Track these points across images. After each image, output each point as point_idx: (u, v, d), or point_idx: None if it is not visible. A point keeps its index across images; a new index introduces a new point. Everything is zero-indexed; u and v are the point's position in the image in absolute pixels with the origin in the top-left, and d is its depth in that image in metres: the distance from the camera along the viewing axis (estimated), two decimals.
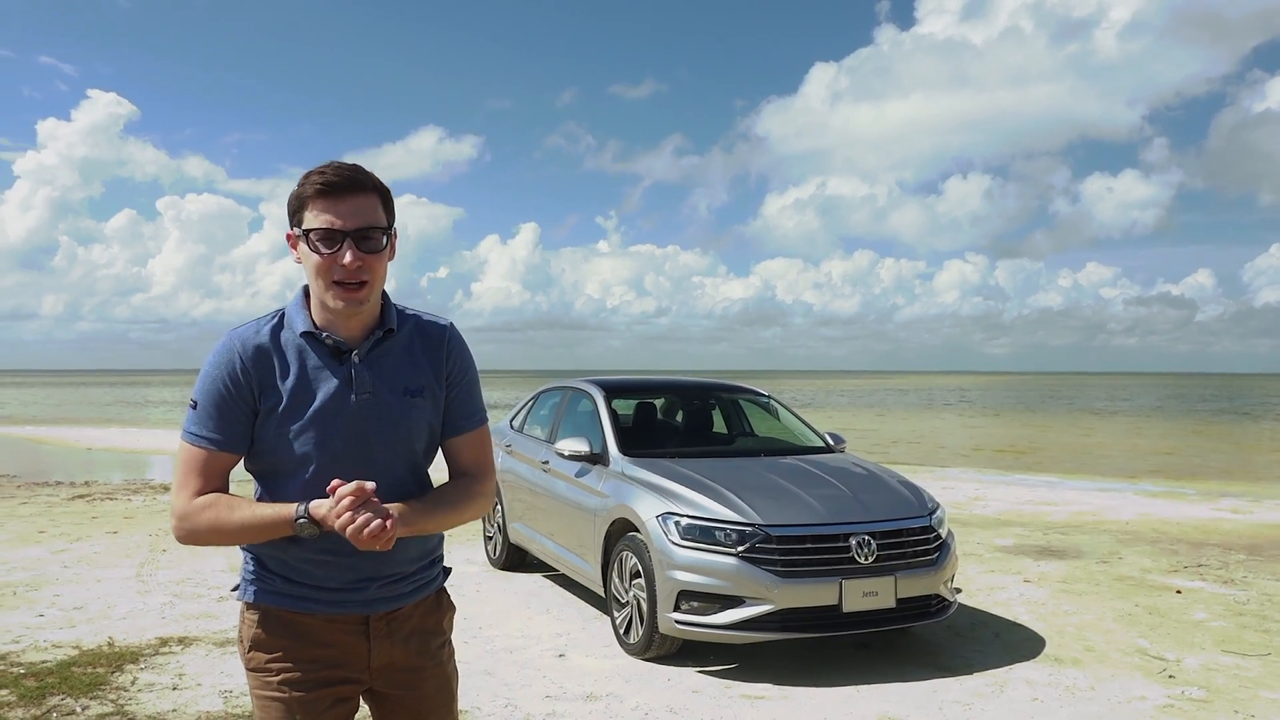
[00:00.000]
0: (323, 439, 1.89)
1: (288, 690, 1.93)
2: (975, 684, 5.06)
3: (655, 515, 5.31)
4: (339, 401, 1.90)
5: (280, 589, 1.96)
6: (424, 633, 2.07)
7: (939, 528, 5.52)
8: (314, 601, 1.95)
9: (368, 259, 1.85)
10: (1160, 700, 4.86)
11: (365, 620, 1.98)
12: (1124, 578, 7.75)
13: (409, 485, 1.99)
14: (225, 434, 1.88)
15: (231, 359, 1.88)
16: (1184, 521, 11.01)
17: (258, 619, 1.97)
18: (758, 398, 7.55)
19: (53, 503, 11.55)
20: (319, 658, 1.96)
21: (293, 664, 1.94)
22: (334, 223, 1.82)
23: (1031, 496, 13.35)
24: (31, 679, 4.81)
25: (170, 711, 4.44)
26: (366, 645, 1.99)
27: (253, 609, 1.99)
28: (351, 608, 1.97)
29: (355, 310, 1.88)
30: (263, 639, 1.96)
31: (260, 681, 1.97)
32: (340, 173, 1.84)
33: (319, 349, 1.92)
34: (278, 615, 1.96)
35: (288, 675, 1.94)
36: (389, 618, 2.01)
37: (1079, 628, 6.17)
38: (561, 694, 4.84)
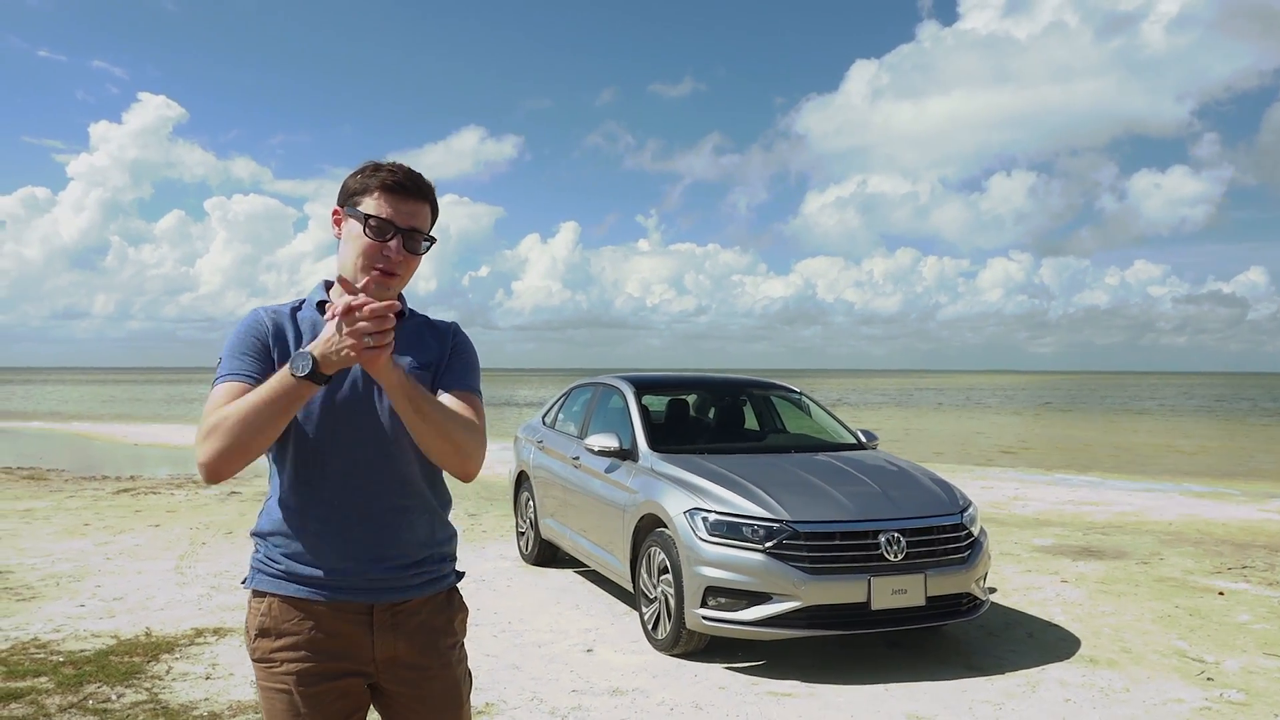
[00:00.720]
0: (330, 406, 1.95)
1: (293, 681, 1.94)
2: (1006, 684, 4.99)
3: (683, 511, 5.30)
4: (350, 374, 1.98)
5: (286, 576, 1.98)
6: (432, 630, 2.06)
7: (970, 525, 5.45)
8: (319, 588, 1.96)
9: (408, 257, 1.99)
10: (1197, 703, 4.76)
11: (370, 609, 1.99)
12: (1165, 579, 7.60)
13: (419, 462, 2.02)
14: (243, 365, 1.93)
15: (258, 320, 2.00)
16: (1229, 523, 10.78)
17: (264, 608, 1.99)
18: (790, 394, 7.51)
19: (98, 496, 11.79)
20: (324, 648, 1.97)
21: (298, 654, 1.95)
22: (393, 217, 1.96)
23: (1073, 496, 13.14)
24: (69, 667, 4.92)
25: (202, 700, 4.51)
26: (370, 637, 1.99)
27: (259, 598, 2.00)
28: (356, 595, 1.98)
29: (382, 295, 1.93)
30: (268, 628, 1.97)
31: (265, 672, 1.98)
32: (410, 177, 1.99)
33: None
34: (283, 604, 1.97)
35: (292, 666, 1.95)
36: (394, 609, 2.01)
37: (1116, 629, 6.07)
38: (588, 688, 4.85)
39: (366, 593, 1.98)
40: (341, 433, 1.96)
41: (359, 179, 2.00)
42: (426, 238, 2.01)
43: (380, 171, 1.98)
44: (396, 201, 1.96)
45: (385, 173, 1.98)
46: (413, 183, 1.98)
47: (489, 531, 9.44)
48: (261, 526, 2.03)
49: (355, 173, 2.02)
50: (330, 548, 1.96)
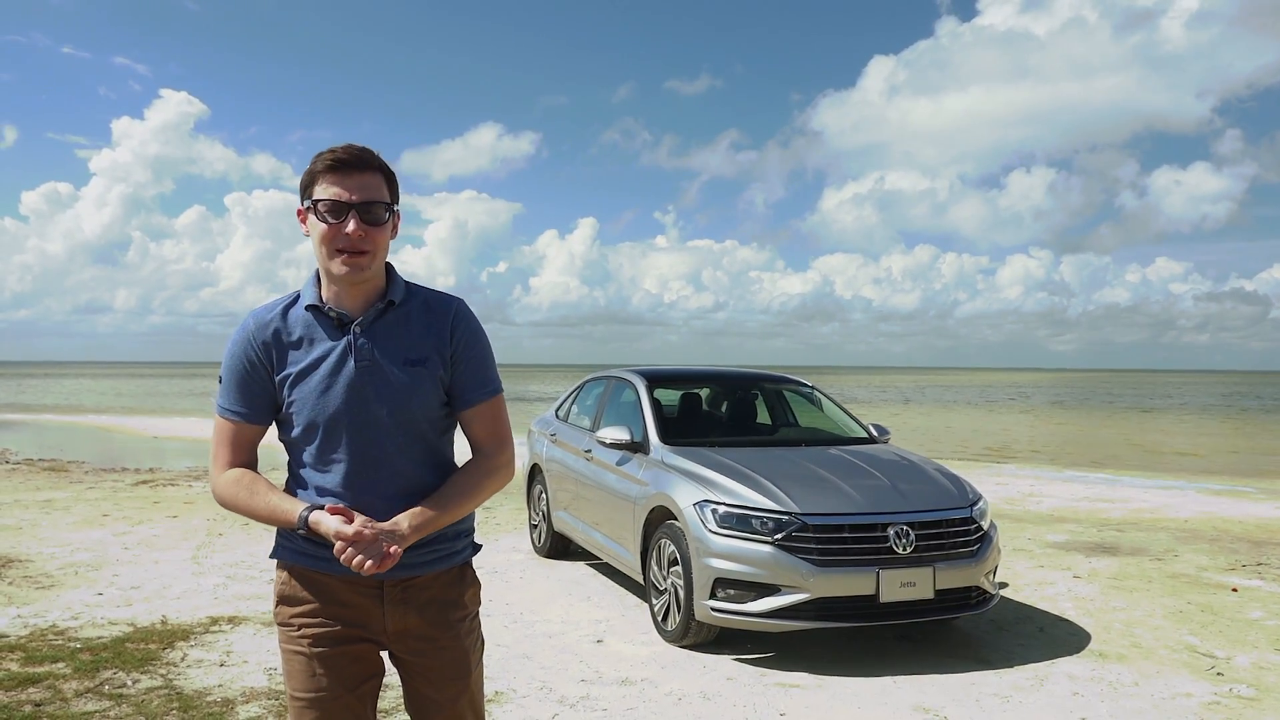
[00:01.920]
0: (326, 406, 2.00)
1: (310, 645, 2.04)
2: (1015, 677, 4.99)
3: (693, 503, 5.33)
4: (339, 369, 2.00)
5: (303, 549, 2.06)
6: (443, 603, 2.11)
7: (980, 519, 5.45)
8: (331, 562, 1.99)
9: (370, 230, 1.98)
10: (1206, 697, 4.74)
11: (380, 585, 2.05)
12: (1178, 575, 7.57)
13: (421, 457, 2.06)
14: (248, 406, 2.03)
15: (247, 336, 2.04)
16: (1246, 520, 10.71)
17: (285, 577, 2.09)
18: (801, 388, 7.51)
19: (118, 488, 11.92)
20: (339, 616, 2.06)
21: (315, 621, 2.05)
22: (341, 195, 1.95)
23: (1088, 493, 13.08)
24: (86, 653, 4.99)
25: (216, 687, 4.58)
26: (382, 609, 2.06)
27: (281, 567, 2.11)
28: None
29: (356, 277, 1.99)
30: (288, 595, 2.08)
31: (286, 636, 2.09)
32: (349, 151, 1.98)
33: (324, 321, 2.04)
34: (301, 574, 2.07)
35: (309, 631, 2.05)
36: (404, 584, 2.07)
37: (1127, 624, 6.05)
38: (597, 678, 4.89)
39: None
40: (350, 421, 2.00)
41: (308, 170, 2.01)
42: (385, 205, 1.99)
43: (322, 155, 1.98)
44: (342, 179, 1.95)
45: (325, 154, 1.98)
46: (353, 156, 1.97)
47: (503, 524, 9.49)
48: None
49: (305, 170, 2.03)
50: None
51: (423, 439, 2.06)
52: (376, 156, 2.01)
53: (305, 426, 2.01)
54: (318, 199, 1.96)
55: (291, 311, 2.06)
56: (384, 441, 2.01)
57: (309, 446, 2.02)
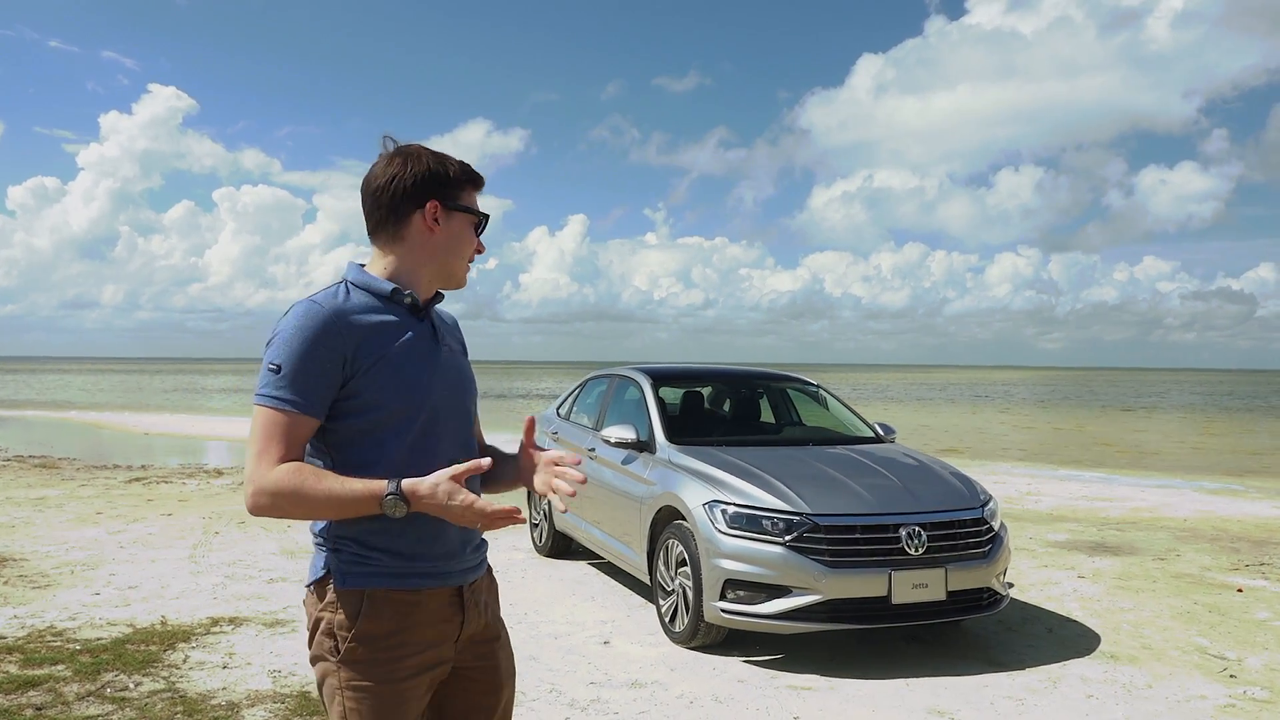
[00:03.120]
0: (426, 392, 1.91)
1: (395, 679, 1.87)
2: (1028, 679, 4.95)
3: (702, 503, 5.27)
4: (431, 355, 1.96)
5: (391, 569, 1.87)
6: (491, 601, 2.10)
7: (991, 520, 5.41)
8: (426, 576, 1.90)
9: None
10: (1221, 700, 4.71)
11: (460, 592, 1.97)
12: (1182, 575, 7.55)
13: (474, 444, 2.08)
14: (310, 398, 1.80)
15: (324, 320, 1.82)
16: (1244, 519, 10.71)
17: (369, 607, 1.86)
18: (806, 387, 7.46)
19: (110, 485, 11.81)
20: (426, 639, 1.91)
21: (401, 650, 1.88)
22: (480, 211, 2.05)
23: (1086, 492, 13.07)
24: (86, 655, 4.91)
25: (220, 690, 4.50)
26: (460, 618, 1.97)
27: (350, 596, 1.86)
28: (453, 579, 1.96)
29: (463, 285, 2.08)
30: (370, 627, 1.86)
31: (361, 671, 1.86)
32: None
33: (396, 309, 1.94)
34: (387, 598, 1.87)
35: (396, 664, 1.87)
36: (473, 588, 2.02)
37: (1135, 625, 6.02)
38: (606, 681, 4.83)
39: (461, 575, 1.98)
40: (449, 408, 1.96)
41: (452, 170, 1.97)
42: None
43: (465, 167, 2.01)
44: (476, 195, 2.04)
45: (469, 167, 2.01)
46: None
47: None
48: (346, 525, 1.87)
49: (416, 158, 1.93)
50: (434, 537, 1.91)
51: (473, 425, 2.09)
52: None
53: (397, 418, 1.86)
54: (471, 209, 2.01)
55: (355, 298, 1.91)
56: (457, 430, 1.99)
57: (399, 439, 1.86)
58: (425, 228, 1.94)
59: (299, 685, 4.58)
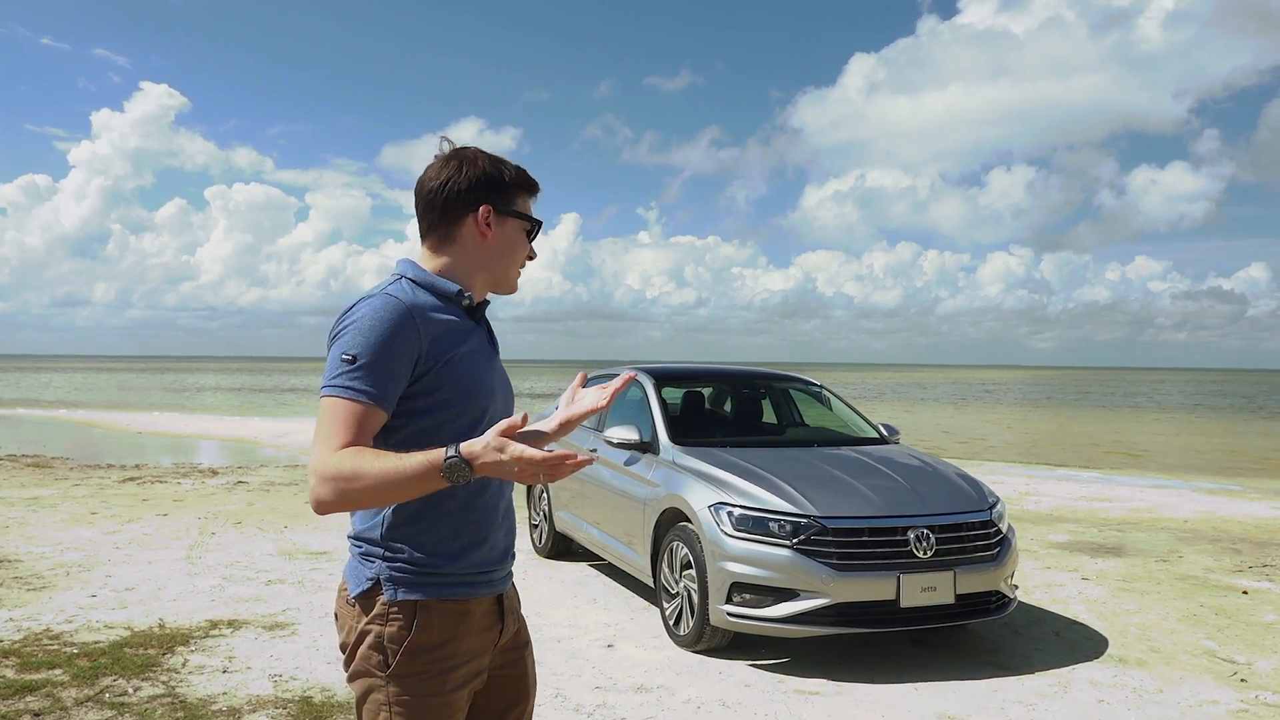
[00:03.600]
0: (489, 395, 1.93)
1: (445, 692, 1.84)
2: (1037, 684, 4.90)
3: (707, 505, 5.21)
4: (489, 357, 1.98)
5: (443, 578, 1.86)
6: (518, 608, 2.11)
7: (999, 522, 5.36)
8: (474, 585, 1.90)
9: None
10: (1234, 705, 4.67)
11: (500, 599, 1.99)
12: (1186, 577, 7.52)
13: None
14: (384, 390, 1.76)
15: (403, 313, 1.79)
16: (1245, 520, 10.69)
17: (426, 619, 1.83)
18: (809, 387, 7.41)
19: (104, 485, 11.71)
20: (472, 649, 1.90)
21: (451, 661, 1.86)
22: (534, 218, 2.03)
23: (1084, 492, 13.05)
24: (84, 659, 4.83)
25: (220, 694, 4.43)
26: (500, 625, 1.98)
27: (403, 608, 1.82)
28: (495, 586, 1.97)
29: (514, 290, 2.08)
30: (423, 639, 1.82)
31: (413, 685, 1.82)
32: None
33: (456, 310, 1.93)
34: (440, 608, 1.84)
35: (446, 676, 1.85)
36: (508, 595, 2.04)
37: (1142, 627, 5.98)
38: (611, 685, 4.77)
39: (501, 582, 1.99)
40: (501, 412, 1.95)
41: (508, 175, 1.97)
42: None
43: (520, 172, 1.99)
44: (532, 202, 2.03)
45: (519, 171, 1.99)
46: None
47: None
48: (400, 532, 1.85)
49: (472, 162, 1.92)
50: (481, 546, 1.93)
51: None
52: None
53: (463, 419, 1.85)
54: (524, 215, 2.00)
55: (422, 295, 1.89)
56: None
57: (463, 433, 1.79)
58: (478, 232, 1.95)
59: (300, 690, 4.52)
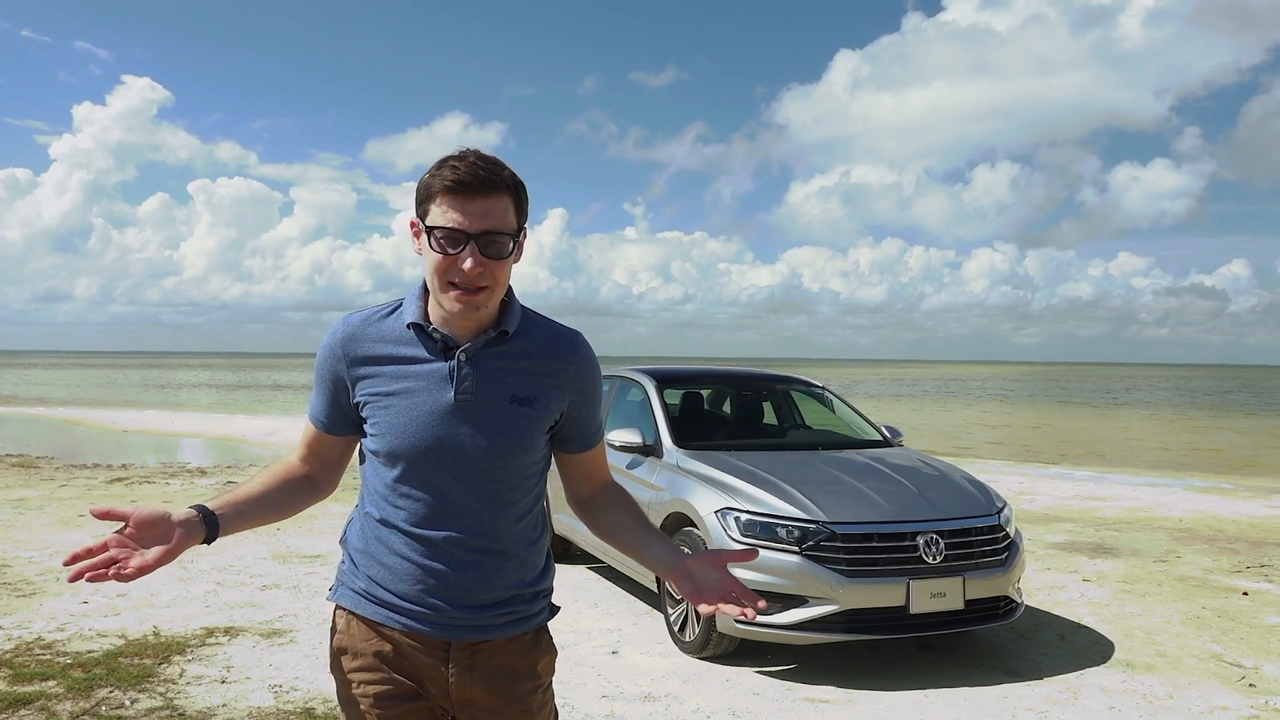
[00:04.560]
0: (414, 437, 1.75)
1: (371, 704, 1.81)
2: (1047, 690, 4.86)
3: (714, 510, 5.14)
4: (436, 399, 1.76)
5: (366, 595, 1.83)
6: (511, 673, 1.84)
7: (1007, 527, 5.31)
8: (395, 613, 1.79)
9: (490, 264, 1.70)
10: (1244, 711, 4.64)
11: (447, 646, 1.80)
12: (1186, 578, 7.50)
13: (510, 506, 1.81)
14: (323, 415, 1.87)
15: (333, 345, 1.83)
16: (1239, 519, 10.71)
17: (343, 624, 1.86)
18: (811, 388, 7.34)
19: (91, 485, 11.55)
20: (402, 671, 1.81)
21: (375, 675, 1.81)
22: (460, 223, 1.68)
23: (1078, 491, 13.05)
24: (78, 669, 4.72)
25: (220, 706, 4.33)
26: (446, 673, 1.81)
27: (340, 611, 1.88)
28: (436, 630, 1.79)
29: (472, 315, 1.75)
30: (346, 646, 1.85)
31: (345, 691, 1.86)
32: (474, 170, 1.67)
33: (426, 342, 1.79)
34: (361, 623, 1.84)
35: (370, 688, 1.82)
36: (474, 648, 1.81)
37: (1147, 630, 5.95)
38: (618, 694, 4.69)
39: (445, 629, 1.80)
40: (439, 458, 1.76)
41: (425, 181, 1.72)
42: (510, 235, 1.71)
43: (443, 168, 1.69)
44: (463, 203, 1.67)
45: (447, 170, 1.68)
46: (478, 177, 1.67)
47: None
48: (349, 537, 1.90)
49: (424, 176, 1.73)
50: (411, 581, 1.78)
51: (515, 481, 1.81)
52: (506, 172, 1.72)
53: (388, 454, 1.77)
54: (433, 224, 1.69)
55: (387, 324, 1.81)
56: (472, 485, 1.76)
57: (388, 476, 1.79)
58: (417, 252, 1.79)
59: (302, 701, 4.43)
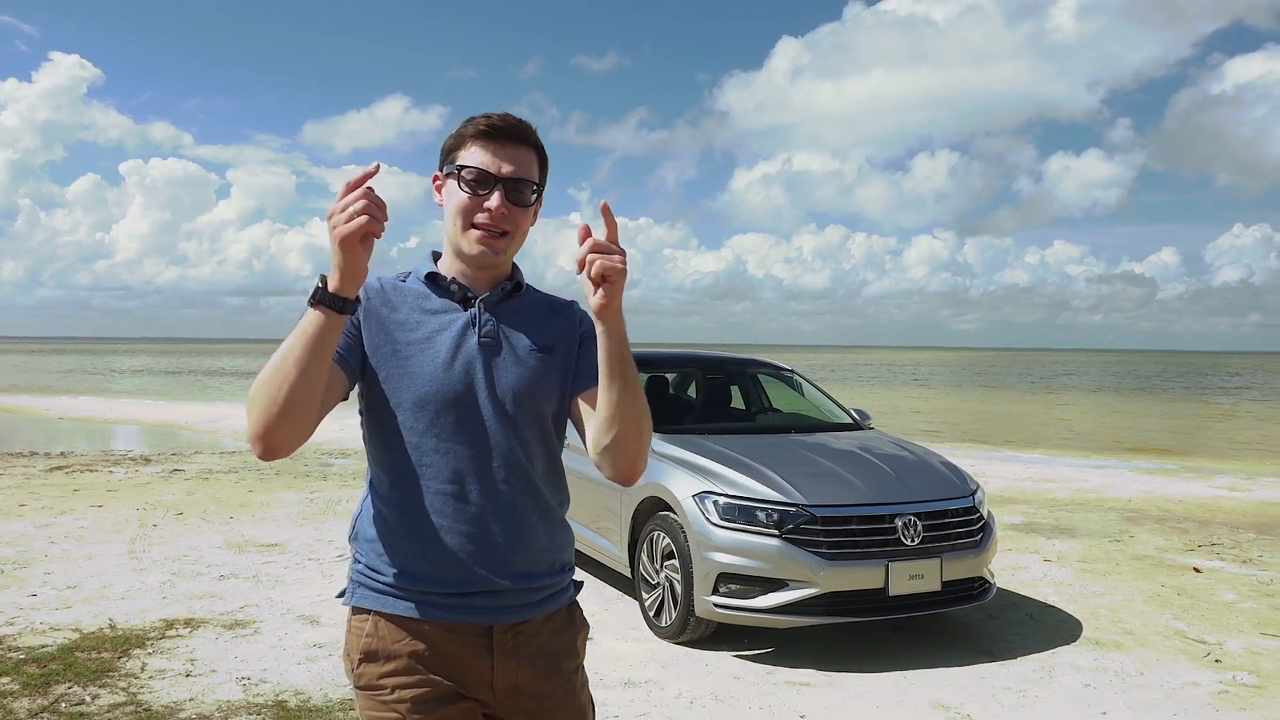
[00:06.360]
0: (444, 380, 1.72)
1: (406, 709, 1.69)
2: (1021, 669, 4.90)
3: (692, 494, 5.08)
4: (460, 344, 1.75)
5: (394, 590, 1.72)
6: (554, 653, 1.81)
7: (981, 508, 5.34)
8: (434, 606, 1.71)
9: (514, 210, 1.75)
10: (1214, 686, 4.72)
11: (489, 631, 1.74)
12: (1142, 557, 7.65)
13: (538, 452, 1.79)
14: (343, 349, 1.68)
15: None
16: (1185, 499, 10.97)
17: (369, 627, 1.73)
18: (780, 372, 7.32)
19: (30, 474, 11.14)
20: (440, 670, 1.71)
21: (411, 679, 1.70)
22: (489, 165, 1.73)
23: (1029, 474, 13.27)
24: (33, 665, 4.52)
25: (187, 701, 4.17)
26: (490, 662, 1.74)
27: (361, 615, 1.75)
28: (475, 614, 1.72)
29: (490, 260, 1.76)
30: (376, 650, 1.72)
31: (373, 701, 1.71)
32: (506, 120, 1.76)
33: (445, 294, 1.80)
34: (390, 623, 1.72)
35: (405, 692, 1.69)
36: (515, 630, 1.76)
37: (1111, 609, 6.04)
38: (598, 681, 4.62)
39: (487, 612, 1.73)
40: (468, 404, 1.72)
41: (456, 133, 1.78)
42: (534, 186, 1.77)
43: (475, 119, 1.76)
44: (494, 148, 1.73)
45: (480, 119, 1.75)
46: (510, 125, 1.75)
47: None
48: (362, 530, 1.78)
49: (451, 133, 1.80)
50: (449, 555, 1.71)
51: (541, 432, 1.80)
52: (534, 131, 1.79)
53: (417, 402, 1.70)
54: (463, 164, 1.73)
55: (406, 285, 1.81)
56: (503, 431, 1.74)
57: (415, 430, 1.71)
58: (438, 204, 1.82)
59: (273, 693, 4.29)
